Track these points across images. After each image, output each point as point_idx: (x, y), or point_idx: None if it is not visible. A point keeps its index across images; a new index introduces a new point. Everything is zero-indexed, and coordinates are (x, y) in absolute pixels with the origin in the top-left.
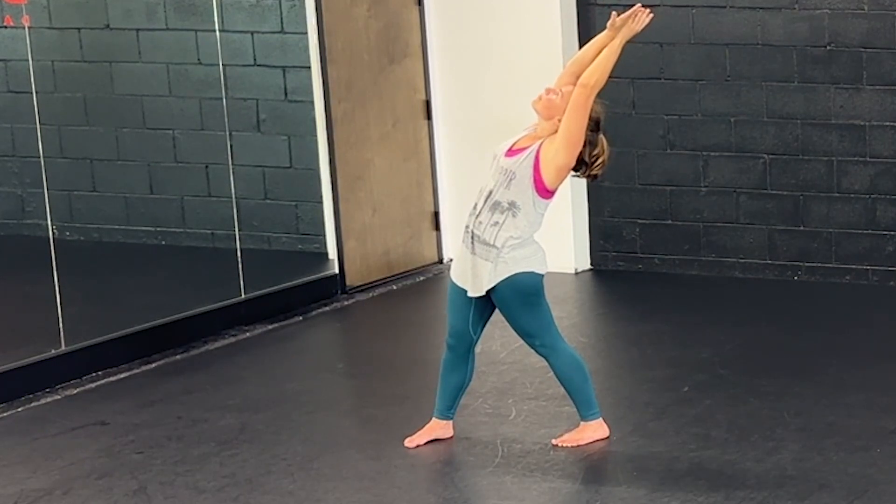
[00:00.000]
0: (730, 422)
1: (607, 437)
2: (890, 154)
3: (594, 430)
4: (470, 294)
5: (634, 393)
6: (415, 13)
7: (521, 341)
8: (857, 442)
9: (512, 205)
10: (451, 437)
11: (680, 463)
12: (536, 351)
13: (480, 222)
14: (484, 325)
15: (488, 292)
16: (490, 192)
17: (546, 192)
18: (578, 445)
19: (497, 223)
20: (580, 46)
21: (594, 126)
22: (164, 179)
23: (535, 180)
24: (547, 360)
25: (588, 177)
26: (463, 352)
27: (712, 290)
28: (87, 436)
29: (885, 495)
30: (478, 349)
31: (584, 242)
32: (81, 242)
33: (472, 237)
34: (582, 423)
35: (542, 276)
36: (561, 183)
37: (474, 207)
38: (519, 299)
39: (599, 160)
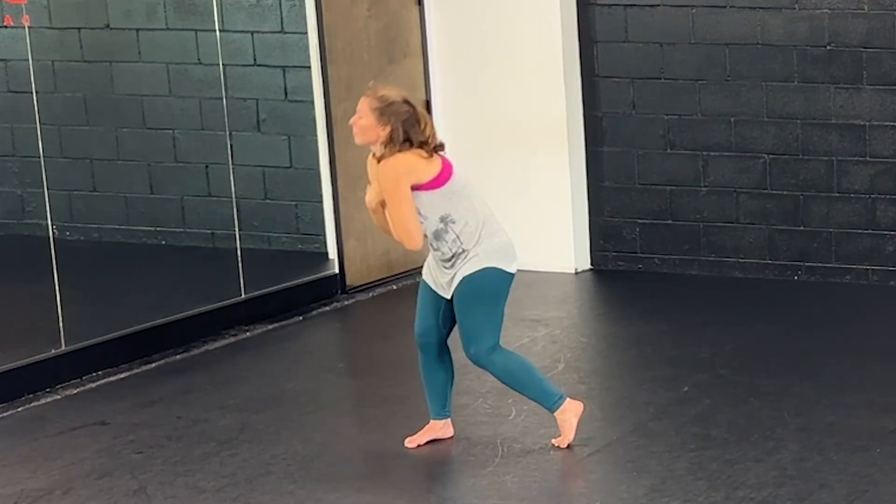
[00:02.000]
0: (730, 422)
1: (584, 408)
2: (890, 154)
3: (568, 418)
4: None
5: (634, 393)
6: (415, 13)
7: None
8: (857, 442)
9: (442, 220)
10: (452, 437)
11: (680, 463)
12: (472, 361)
13: (448, 250)
14: (454, 321)
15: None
16: (425, 234)
17: (432, 184)
18: (571, 444)
19: (455, 238)
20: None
21: (410, 110)
22: (164, 179)
23: (418, 190)
24: (487, 370)
25: (435, 148)
26: (435, 350)
27: (712, 290)
28: (87, 436)
29: (885, 495)
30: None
31: (584, 242)
32: (81, 242)
33: (451, 260)
34: (556, 416)
35: (511, 276)
36: (420, 171)
37: (431, 246)
38: (479, 292)
39: (429, 132)
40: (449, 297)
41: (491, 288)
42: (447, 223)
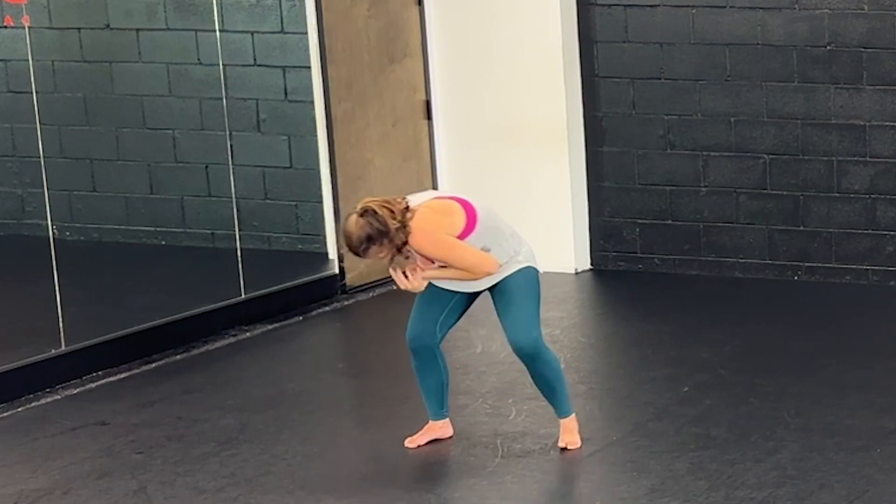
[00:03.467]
0: (730, 422)
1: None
2: (890, 154)
3: (573, 428)
4: (480, 288)
5: (634, 393)
6: (415, 13)
7: None
8: (857, 442)
9: (483, 250)
10: (452, 437)
11: (680, 463)
12: (526, 348)
13: None
14: (453, 325)
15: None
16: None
17: (464, 234)
18: (578, 447)
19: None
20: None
21: (373, 222)
22: (164, 179)
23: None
24: (534, 360)
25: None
26: (428, 354)
27: (712, 290)
28: (87, 436)
29: (885, 495)
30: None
31: (584, 242)
32: (81, 242)
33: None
34: (562, 423)
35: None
36: (449, 227)
37: None
38: (527, 286)
39: (396, 213)
40: (476, 290)
41: (533, 283)
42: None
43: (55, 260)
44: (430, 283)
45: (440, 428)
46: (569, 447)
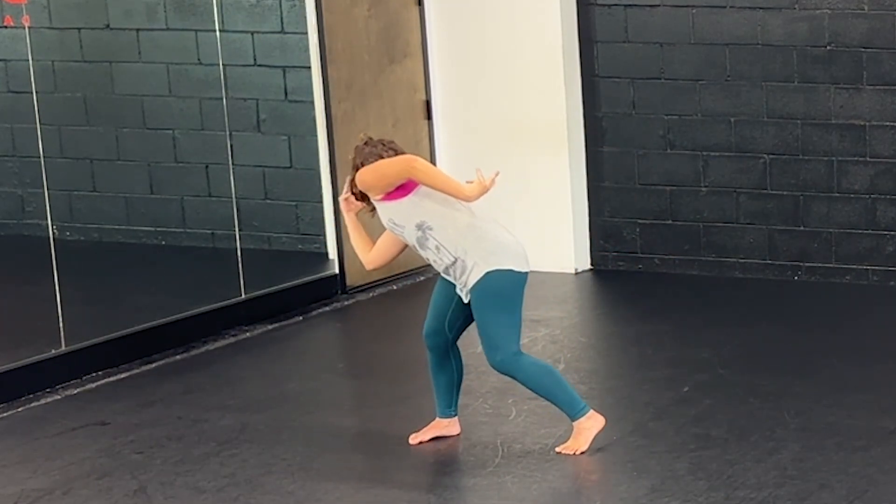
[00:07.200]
0: (730, 422)
1: (605, 424)
2: (890, 154)
3: (589, 427)
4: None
5: (634, 393)
6: (415, 13)
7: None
8: (857, 442)
9: (419, 227)
10: (459, 434)
11: (680, 463)
12: (498, 369)
13: (439, 260)
14: (463, 326)
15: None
16: (412, 247)
17: (398, 193)
18: (582, 452)
19: (438, 246)
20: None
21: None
22: (164, 179)
23: (387, 198)
24: (513, 378)
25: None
26: (442, 351)
27: (712, 290)
28: (87, 436)
29: (885, 495)
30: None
31: (584, 242)
32: (81, 242)
33: (448, 273)
34: (574, 424)
35: (521, 274)
36: (384, 179)
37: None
38: (487, 299)
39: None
40: (466, 301)
41: (497, 292)
42: (425, 230)
43: (55, 260)
44: (441, 278)
45: (446, 426)
46: (562, 452)
